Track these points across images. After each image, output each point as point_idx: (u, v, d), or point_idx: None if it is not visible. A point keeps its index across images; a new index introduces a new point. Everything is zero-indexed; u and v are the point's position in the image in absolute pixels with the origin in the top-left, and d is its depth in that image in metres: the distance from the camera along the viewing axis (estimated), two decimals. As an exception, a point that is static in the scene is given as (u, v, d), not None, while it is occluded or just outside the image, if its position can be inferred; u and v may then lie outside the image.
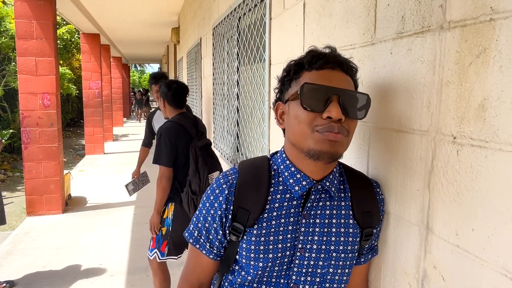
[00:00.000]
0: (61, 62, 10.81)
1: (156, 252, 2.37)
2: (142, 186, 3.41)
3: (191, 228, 0.90)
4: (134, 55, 15.81)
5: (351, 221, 0.84)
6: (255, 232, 0.81)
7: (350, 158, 1.07)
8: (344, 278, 0.86)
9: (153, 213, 2.35)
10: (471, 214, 0.66)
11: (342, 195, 0.85)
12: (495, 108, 0.60)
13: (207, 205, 0.85)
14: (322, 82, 0.75)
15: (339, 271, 0.84)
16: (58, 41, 8.36)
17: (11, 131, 8.18)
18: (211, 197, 0.85)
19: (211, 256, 0.87)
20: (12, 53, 8.49)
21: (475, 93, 0.64)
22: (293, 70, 0.81)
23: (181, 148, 2.30)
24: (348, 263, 0.85)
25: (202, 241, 0.87)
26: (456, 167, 0.69)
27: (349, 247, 0.84)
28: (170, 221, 2.35)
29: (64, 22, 10.68)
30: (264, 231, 0.81)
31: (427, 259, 0.77)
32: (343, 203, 0.85)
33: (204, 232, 0.86)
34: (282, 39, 1.59)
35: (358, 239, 0.85)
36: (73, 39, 11.21)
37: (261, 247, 0.80)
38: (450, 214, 0.70)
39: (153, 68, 36.51)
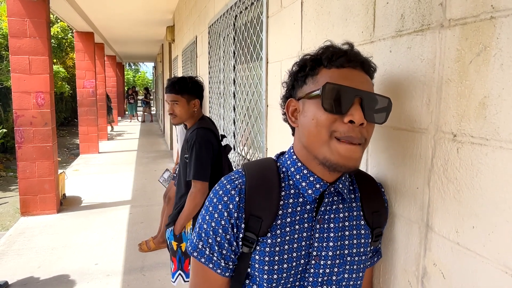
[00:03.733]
0: (54, 60, 10.72)
1: (180, 274, 2.07)
2: (169, 182, 3.71)
3: (200, 246, 0.77)
4: (129, 54, 15.71)
5: (362, 222, 0.81)
6: (269, 241, 0.74)
7: (349, 156, 1.07)
8: (359, 282, 0.82)
9: (175, 226, 2.02)
10: (471, 212, 0.66)
11: (353, 196, 0.82)
12: (495, 106, 0.61)
13: (216, 216, 0.75)
14: (344, 82, 0.70)
15: (353, 275, 0.80)
16: (52, 40, 8.30)
17: (3, 130, 8.10)
18: (219, 206, 0.76)
19: (227, 274, 0.77)
20: (4, 51, 8.40)
21: (476, 91, 0.64)
22: (310, 66, 0.75)
23: (214, 158, 2.04)
24: (362, 266, 0.81)
25: (215, 259, 0.76)
26: (456, 165, 0.69)
27: (362, 249, 0.80)
28: (189, 235, 2.05)
29: (58, 20, 10.58)
30: (278, 240, 0.74)
31: (427, 256, 0.77)
32: (354, 204, 0.81)
33: (216, 248, 0.76)
34: (280, 37, 1.59)
35: (369, 240, 0.82)
36: (66, 37, 11.13)
37: (276, 258, 0.74)
38: (450, 212, 0.71)
39: (148, 66, 36.32)
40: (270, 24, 1.71)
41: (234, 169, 2.36)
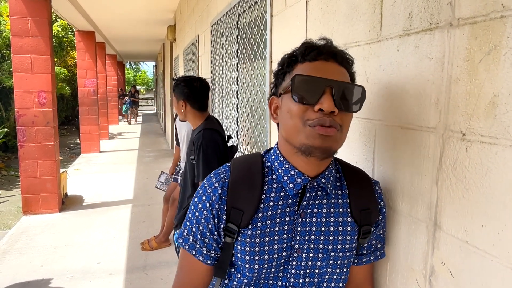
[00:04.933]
0: (55, 60, 10.72)
1: None
2: (167, 185, 3.69)
3: (185, 234, 0.83)
4: (130, 53, 15.71)
5: (348, 219, 0.82)
6: (249, 233, 0.77)
7: (355, 155, 1.07)
8: (343, 277, 0.84)
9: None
10: (480, 210, 0.66)
11: (339, 192, 0.83)
12: (505, 105, 0.61)
13: (199, 206, 0.81)
14: (315, 74, 0.72)
15: (337, 270, 0.82)
16: (53, 39, 8.29)
17: (5, 129, 8.11)
18: (203, 197, 0.80)
19: (209, 262, 0.82)
20: (6, 50, 8.40)
21: (485, 90, 0.64)
22: (287, 63, 0.79)
23: (220, 159, 2.03)
24: (346, 261, 0.83)
25: (198, 246, 0.81)
26: (465, 164, 0.69)
27: (347, 246, 0.82)
28: None
29: (58, 19, 10.58)
30: (259, 232, 0.77)
31: (435, 255, 0.77)
32: (340, 201, 0.82)
33: (199, 236, 0.81)
34: (284, 36, 1.59)
35: (355, 237, 0.83)
36: (67, 36, 11.14)
37: (256, 249, 0.77)
38: (458, 211, 0.71)
39: (148, 66, 36.33)
40: (274, 23, 1.71)
41: None
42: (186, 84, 2.14)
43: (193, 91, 2.13)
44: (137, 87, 19.12)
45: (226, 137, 2.16)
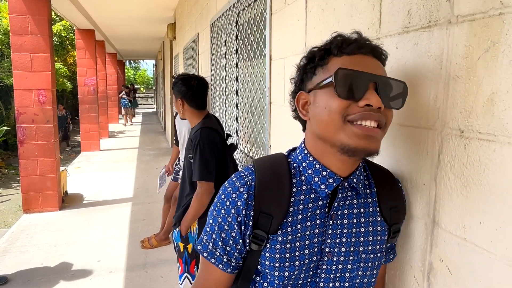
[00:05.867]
0: (56, 58, 10.72)
1: (186, 276, 2.04)
2: (164, 183, 3.67)
3: (204, 240, 0.79)
4: (129, 51, 15.69)
5: (378, 219, 0.78)
6: (280, 239, 0.72)
7: (354, 153, 1.07)
8: (373, 280, 0.80)
9: (181, 227, 2.00)
10: (478, 208, 0.66)
11: (368, 191, 0.79)
12: (504, 102, 0.61)
13: (223, 212, 0.75)
14: (358, 68, 0.68)
15: (368, 273, 0.78)
16: (55, 38, 8.28)
17: (5, 128, 8.11)
18: (227, 203, 0.75)
19: (229, 270, 0.77)
20: (5, 49, 8.40)
21: (484, 87, 0.64)
22: (319, 56, 0.73)
23: (219, 158, 2.03)
24: (377, 263, 0.79)
25: (218, 254, 0.77)
26: (464, 161, 0.69)
27: (378, 247, 0.78)
28: (195, 236, 2.02)
29: (58, 18, 10.58)
30: (290, 237, 0.73)
31: (433, 252, 0.77)
32: (369, 200, 0.78)
33: (220, 244, 0.76)
34: (283, 34, 1.59)
35: (386, 237, 0.79)
36: (68, 36, 11.14)
37: (287, 255, 0.73)
38: (457, 208, 0.71)
39: (148, 64, 36.30)
40: (273, 21, 1.71)
41: (240, 168, 2.38)
42: (184, 82, 2.13)
43: (190, 90, 2.12)
44: (136, 86, 18.40)
45: (225, 135, 2.16)
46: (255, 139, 2.16)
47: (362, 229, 0.77)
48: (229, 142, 2.21)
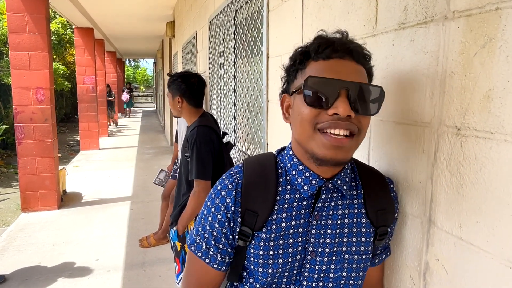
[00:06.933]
0: (54, 57, 10.70)
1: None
2: (166, 182, 3.75)
3: (197, 240, 0.79)
4: (129, 50, 15.66)
5: (363, 220, 0.78)
6: (263, 236, 0.74)
7: (351, 151, 1.06)
8: (359, 282, 0.80)
9: (178, 226, 1.99)
10: (475, 206, 0.65)
11: (354, 192, 0.79)
12: (500, 99, 0.60)
13: (213, 210, 0.77)
14: (329, 74, 0.67)
15: (353, 274, 0.78)
16: (52, 36, 8.25)
17: (4, 127, 8.10)
18: (217, 200, 0.77)
19: (223, 268, 0.79)
20: (4, 47, 8.38)
21: (480, 83, 0.63)
22: (299, 60, 0.73)
23: (215, 156, 2.02)
24: (362, 265, 0.79)
25: (212, 253, 0.78)
26: (460, 159, 0.68)
27: (362, 248, 0.78)
28: None
29: (57, 15, 10.55)
30: (273, 235, 0.74)
31: (429, 251, 0.76)
32: (355, 201, 0.78)
33: (213, 243, 0.77)
34: (280, 31, 1.58)
35: (371, 239, 0.79)
36: (66, 33, 11.10)
37: (271, 252, 0.74)
38: (453, 207, 0.70)
39: (148, 62, 36.27)
40: (270, 18, 1.70)
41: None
42: (183, 80, 2.12)
43: (190, 87, 2.12)
44: (135, 85, 18.45)
45: (222, 133, 2.15)
46: (253, 137, 2.15)
47: (346, 230, 0.77)
48: (225, 140, 2.19)
